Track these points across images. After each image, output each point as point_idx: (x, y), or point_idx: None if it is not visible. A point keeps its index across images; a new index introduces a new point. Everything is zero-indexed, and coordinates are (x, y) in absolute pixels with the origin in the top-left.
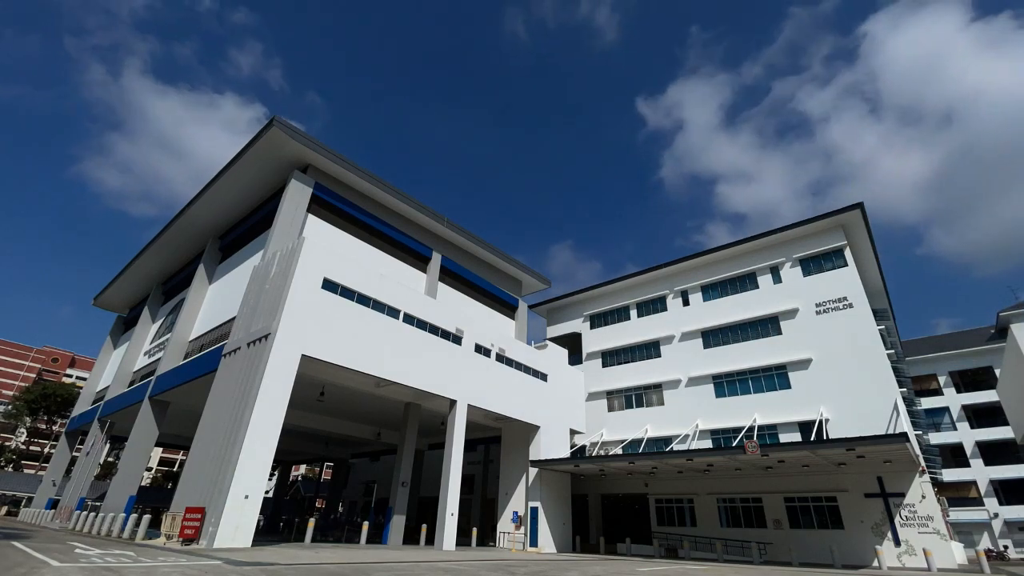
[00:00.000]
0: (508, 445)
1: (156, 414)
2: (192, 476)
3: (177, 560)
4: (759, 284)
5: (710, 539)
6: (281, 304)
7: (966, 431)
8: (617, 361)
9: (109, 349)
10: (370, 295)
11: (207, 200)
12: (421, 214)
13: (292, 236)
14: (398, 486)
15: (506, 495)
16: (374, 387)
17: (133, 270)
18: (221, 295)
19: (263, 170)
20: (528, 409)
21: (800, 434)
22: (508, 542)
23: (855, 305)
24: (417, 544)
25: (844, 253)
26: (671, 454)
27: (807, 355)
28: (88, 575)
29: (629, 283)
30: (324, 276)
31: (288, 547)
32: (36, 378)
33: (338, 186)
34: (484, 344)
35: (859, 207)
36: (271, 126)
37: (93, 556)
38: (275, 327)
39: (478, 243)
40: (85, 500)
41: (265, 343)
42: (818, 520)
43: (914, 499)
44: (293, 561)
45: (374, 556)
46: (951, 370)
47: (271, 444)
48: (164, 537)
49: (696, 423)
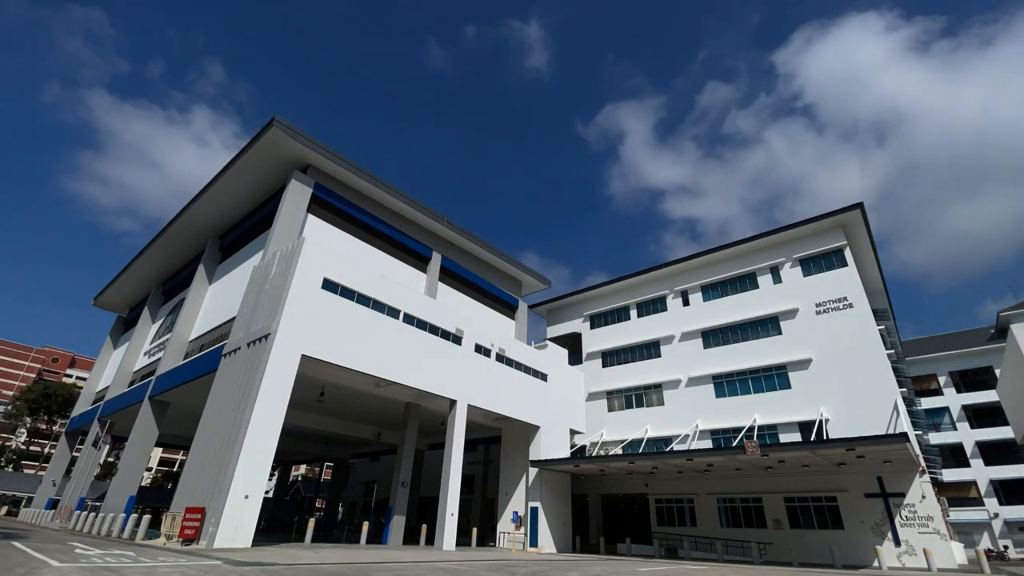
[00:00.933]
0: (508, 445)
1: (156, 414)
2: (192, 476)
3: (177, 560)
4: (759, 284)
5: (710, 539)
6: (281, 304)
7: (966, 431)
8: (617, 361)
9: (109, 349)
10: (370, 295)
11: (207, 200)
12: (421, 214)
13: (292, 236)
14: (398, 486)
15: (506, 495)
16: (374, 387)
17: (133, 270)
18: (221, 295)
19: (263, 170)
20: (528, 409)
21: (800, 434)
22: (508, 542)
23: (855, 305)
24: (417, 544)
25: (844, 253)
26: (671, 454)
27: (807, 355)
28: (88, 575)
29: (629, 283)
30: (324, 276)
31: (288, 547)
32: (36, 378)
33: (338, 186)
34: (484, 344)
35: (859, 207)
36: (271, 126)
37: (93, 556)
38: (275, 327)
39: (478, 243)
40: (85, 500)
41: (265, 343)
42: (818, 520)
43: (914, 499)
44: (293, 561)
45: (374, 556)
46: (951, 370)
47: (271, 444)
48: (164, 537)
49: (696, 423)
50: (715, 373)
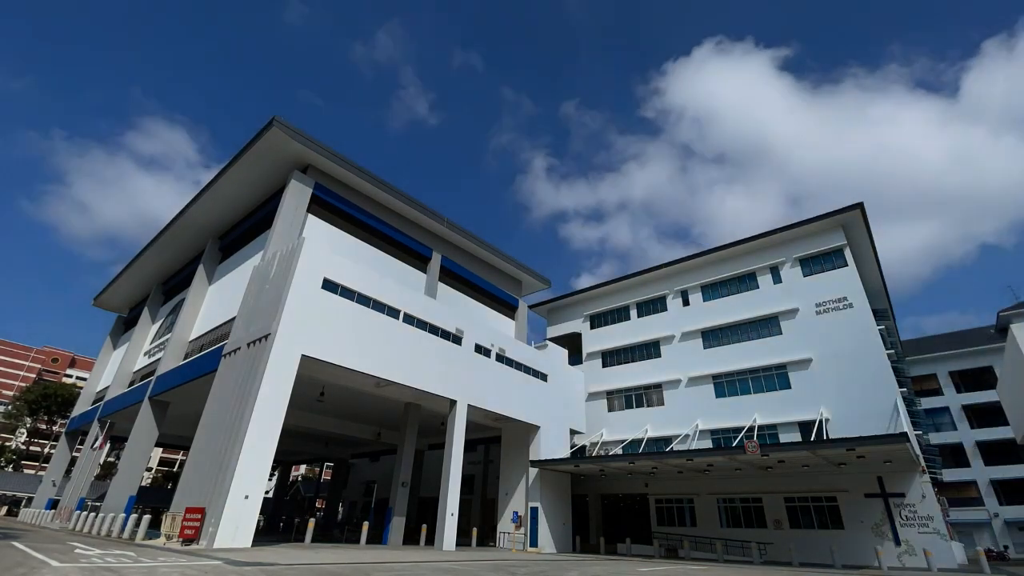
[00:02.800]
0: (508, 445)
1: (156, 414)
2: (192, 476)
3: (177, 560)
4: (759, 284)
5: (710, 539)
6: (281, 304)
7: (966, 431)
8: (617, 361)
9: (109, 349)
10: (370, 295)
11: (207, 200)
12: (421, 214)
13: (292, 236)
14: (398, 486)
15: (506, 495)
16: (374, 387)
17: (133, 270)
18: (221, 295)
19: (263, 170)
20: (528, 409)
21: (800, 434)
22: (508, 542)
23: (855, 305)
24: (417, 544)
25: (844, 253)
26: (671, 454)
27: (807, 355)
28: (88, 575)
29: (629, 283)
30: (324, 276)
31: (288, 547)
32: (36, 378)
33: (338, 186)
34: (484, 344)
35: (859, 207)
36: (271, 126)
37: (93, 556)
38: (275, 327)
39: (478, 243)
40: (85, 500)
41: (265, 343)
42: (818, 520)
43: (914, 499)
44: (293, 561)
45: (374, 556)
46: (951, 370)
47: (271, 444)
48: (164, 537)
49: (696, 423)
50: (715, 373)
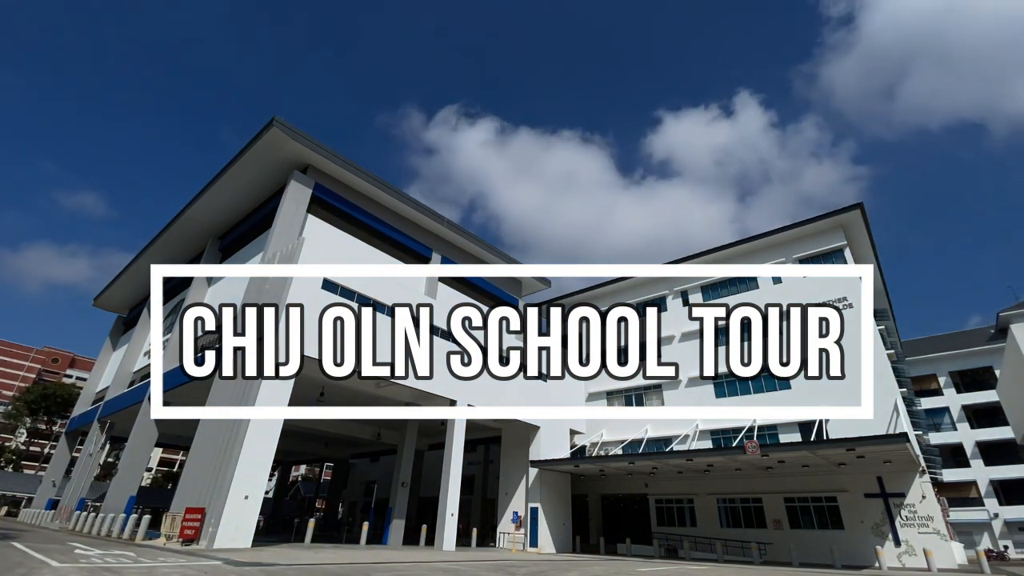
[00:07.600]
0: (508, 445)
1: None
2: (192, 476)
3: (177, 560)
4: (759, 284)
5: (710, 539)
6: (281, 304)
7: (966, 431)
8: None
9: (109, 349)
10: (370, 295)
11: (207, 200)
12: (421, 214)
13: (292, 236)
14: (398, 486)
15: (506, 495)
16: (374, 387)
17: (133, 270)
18: (221, 295)
19: (263, 170)
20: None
21: (800, 434)
22: (508, 542)
23: (855, 305)
24: (417, 544)
25: (844, 253)
26: (671, 454)
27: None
28: (87, 575)
29: (629, 283)
30: (324, 276)
31: (288, 547)
32: (36, 378)
33: (338, 186)
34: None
35: (859, 207)
36: (271, 126)
37: (93, 556)
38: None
39: (478, 243)
40: (85, 500)
41: None
42: (818, 520)
43: (914, 499)
44: (293, 561)
45: (374, 556)
46: (951, 370)
47: (271, 444)
48: (164, 537)
49: (696, 423)
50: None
